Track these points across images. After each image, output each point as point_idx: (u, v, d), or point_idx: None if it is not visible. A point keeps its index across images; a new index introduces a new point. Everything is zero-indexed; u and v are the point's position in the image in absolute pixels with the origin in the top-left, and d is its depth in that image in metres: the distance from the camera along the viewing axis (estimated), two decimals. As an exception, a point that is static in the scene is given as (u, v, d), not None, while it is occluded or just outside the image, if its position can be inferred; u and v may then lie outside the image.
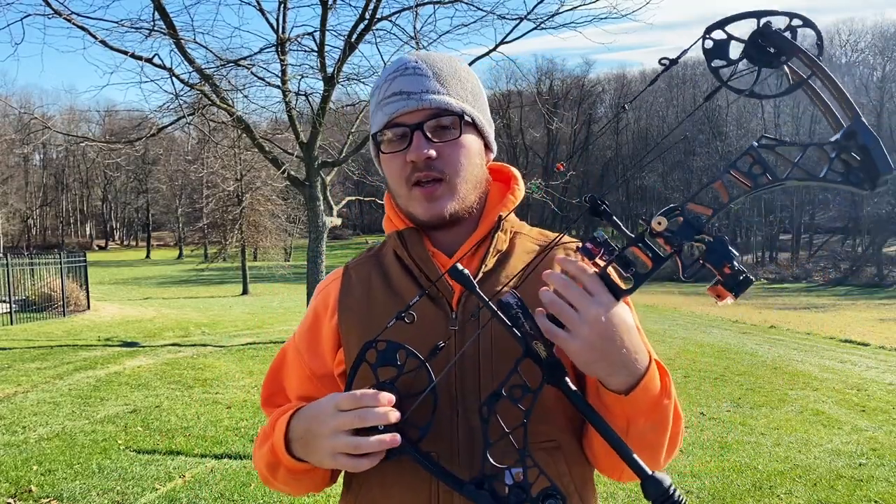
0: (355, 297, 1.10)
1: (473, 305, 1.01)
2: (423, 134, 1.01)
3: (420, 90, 1.02)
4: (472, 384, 1.00)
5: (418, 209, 1.05)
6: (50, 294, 15.21)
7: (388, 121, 1.02)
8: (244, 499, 4.24)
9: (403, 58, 1.07)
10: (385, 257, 1.14)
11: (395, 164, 1.04)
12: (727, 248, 0.83)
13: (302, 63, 11.69)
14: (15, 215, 60.23)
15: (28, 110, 27.40)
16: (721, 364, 9.73)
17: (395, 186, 1.06)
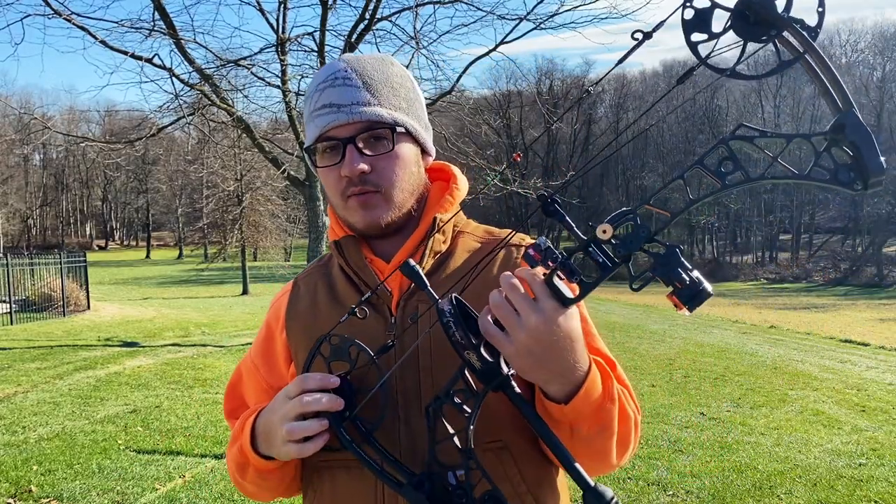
0: (301, 309, 1.12)
1: (413, 309, 1.02)
2: (355, 148, 1.00)
3: (350, 102, 1.00)
4: (413, 387, 1.00)
5: (355, 218, 1.05)
6: (50, 294, 15.22)
7: (319, 134, 1.01)
8: (244, 499, 4.24)
9: (333, 65, 1.05)
10: (332, 268, 1.15)
11: (330, 177, 1.04)
12: (678, 260, 0.79)
13: (302, 63, 11.70)
14: (15, 215, 60.22)
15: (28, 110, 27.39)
16: (721, 364, 9.73)
17: (332, 198, 1.07)
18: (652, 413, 6.49)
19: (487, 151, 13.12)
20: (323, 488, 1.07)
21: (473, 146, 12.82)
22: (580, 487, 0.82)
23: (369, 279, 1.06)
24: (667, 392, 7.57)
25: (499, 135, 33.87)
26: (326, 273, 1.15)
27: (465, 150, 11.86)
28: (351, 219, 1.06)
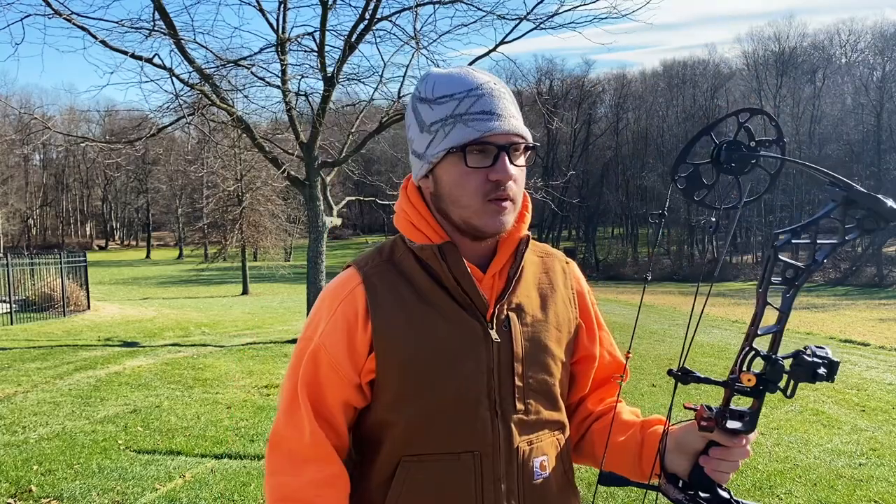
0: (388, 307, 1.12)
1: (504, 317, 1.14)
2: (508, 156, 1.08)
3: (507, 114, 1.09)
4: (508, 390, 1.12)
5: (487, 221, 1.10)
6: (50, 294, 15.22)
7: (477, 137, 1.06)
8: (244, 499, 4.24)
9: (478, 76, 1.11)
10: (402, 265, 1.15)
11: (475, 178, 1.08)
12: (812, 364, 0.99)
13: (302, 63, 11.70)
14: (15, 215, 60.23)
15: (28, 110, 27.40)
16: (721, 364, 9.74)
17: (465, 198, 1.09)
18: (652, 413, 6.49)
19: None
20: (417, 478, 1.10)
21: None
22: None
23: (470, 287, 1.11)
24: (667, 392, 7.57)
25: (499, 135, 33.77)
26: (400, 271, 1.15)
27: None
28: (480, 221, 1.10)
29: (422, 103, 1.12)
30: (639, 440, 1.18)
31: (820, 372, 0.95)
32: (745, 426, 1.03)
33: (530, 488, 1.13)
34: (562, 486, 1.20)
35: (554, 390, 1.18)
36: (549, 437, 1.17)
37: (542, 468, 1.15)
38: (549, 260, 1.26)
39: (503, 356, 1.12)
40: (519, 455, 1.12)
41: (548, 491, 1.16)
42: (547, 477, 1.16)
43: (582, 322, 1.25)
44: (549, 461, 1.16)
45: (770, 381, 0.97)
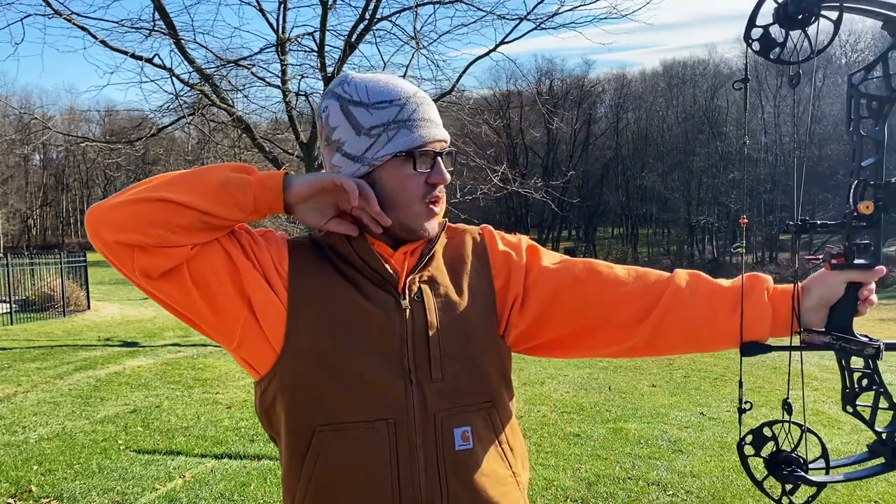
0: (306, 268, 1.18)
1: (416, 289, 1.17)
2: (442, 161, 1.16)
3: (439, 122, 1.18)
4: (423, 358, 1.13)
5: (422, 224, 1.17)
6: (50, 294, 15.22)
7: (422, 144, 1.14)
8: (244, 499, 4.24)
9: (406, 84, 1.18)
10: (321, 245, 1.22)
11: (414, 181, 1.15)
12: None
13: (302, 63, 11.69)
14: (15, 215, 60.23)
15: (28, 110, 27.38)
16: (721, 364, 9.74)
17: (406, 200, 1.15)
18: (652, 413, 6.49)
19: (487, 151, 13.11)
20: (332, 447, 1.11)
21: (473, 146, 12.81)
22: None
23: (376, 263, 1.16)
24: (667, 392, 7.57)
25: (499, 135, 33.83)
26: (320, 248, 1.22)
27: (465, 150, 11.86)
28: (417, 223, 1.17)
29: (356, 106, 1.15)
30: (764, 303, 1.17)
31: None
32: (871, 259, 1.06)
33: (451, 458, 1.12)
34: (492, 458, 1.16)
35: (476, 359, 1.17)
36: (474, 408, 1.15)
37: (465, 438, 1.13)
38: (461, 235, 1.29)
39: (417, 325, 1.14)
40: (437, 424, 1.12)
41: (473, 462, 1.13)
42: (471, 448, 1.13)
43: (505, 279, 1.23)
44: (476, 431, 1.14)
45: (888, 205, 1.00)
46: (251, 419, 6.16)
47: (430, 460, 1.11)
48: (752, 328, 1.16)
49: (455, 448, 1.12)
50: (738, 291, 1.17)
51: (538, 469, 4.71)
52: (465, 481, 1.12)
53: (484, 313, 1.20)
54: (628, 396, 7.30)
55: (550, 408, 6.70)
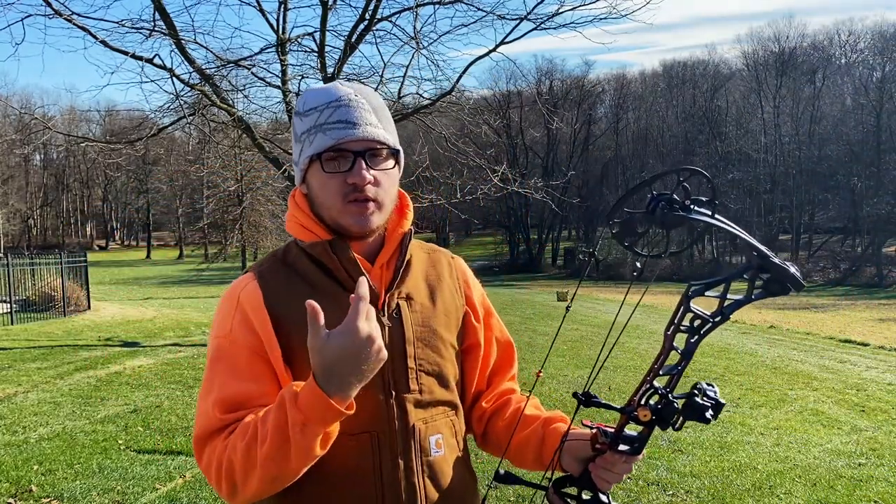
0: (283, 299, 1.20)
1: (394, 305, 1.23)
2: (364, 161, 1.17)
3: (363, 122, 1.18)
4: (401, 372, 1.21)
5: (351, 221, 1.19)
6: (50, 294, 15.22)
7: (332, 145, 1.16)
8: (244, 498, 4.25)
9: (338, 88, 1.21)
10: (296, 265, 1.25)
11: (333, 182, 1.18)
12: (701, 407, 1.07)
13: (302, 63, 11.69)
14: (15, 215, 60.23)
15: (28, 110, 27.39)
16: (721, 364, 9.74)
17: (328, 200, 1.19)
18: (652, 413, 6.49)
19: (487, 151, 13.11)
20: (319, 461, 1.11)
21: (473, 146, 12.81)
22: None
23: (358, 274, 1.19)
24: (667, 392, 7.57)
25: (499, 135, 33.81)
26: (294, 270, 1.24)
27: (465, 150, 11.86)
28: (345, 221, 1.19)
29: (296, 116, 1.23)
30: (540, 436, 1.28)
31: (707, 415, 1.05)
32: (633, 450, 1.13)
33: (428, 465, 1.21)
34: (458, 462, 1.27)
35: (445, 371, 1.27)
36: (442, 417, 1.26)
37: (438, 445, 1.23)
38: (436, 255, 1.37)
39: (395, 340, 1.21)
40: (415, 433, 1.20)
41: (445, 467, 1.24)
42: (443, 454, 1.24)
43: (468, 310, 1.35)
44: (445, 439, 1.25)
45: (662, 419, 1.06)
46: (251, 419, 6.16)
47: (410, 467, 1.19)
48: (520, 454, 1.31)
49: (431, 455, 1.22)
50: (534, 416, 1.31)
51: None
52: (439, 485, 1.23)
53: (453, 330, 1.31)
54: (628, 396, 7.29)
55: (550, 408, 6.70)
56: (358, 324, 1.00)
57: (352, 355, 1.01)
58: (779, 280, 1.03)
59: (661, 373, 1.07)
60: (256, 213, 28.33)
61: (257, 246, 31.68)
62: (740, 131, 53.60)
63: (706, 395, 1.06)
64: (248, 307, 1.19)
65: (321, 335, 1.01)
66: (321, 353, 1.01)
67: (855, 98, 53.18)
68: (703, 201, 1.07)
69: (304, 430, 1.02)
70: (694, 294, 1.04)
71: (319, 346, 1.01)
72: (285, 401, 1.04)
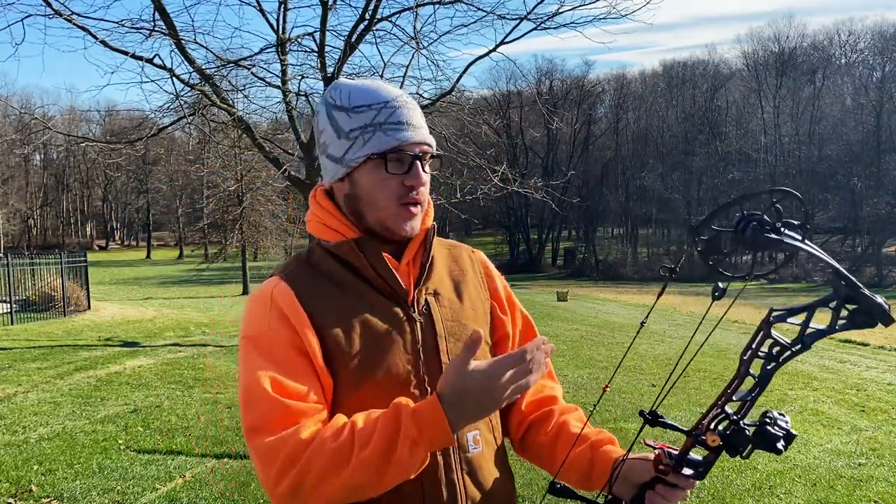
0: (315, 301, 1.16)
1: (423, 302, 1.22)
2: (421, 164, 1.18)
3: (419, 125, 1.19)
4: (434, 368, 1.19)
5: (399, 224, 1.19)
6: (50, 294, 15.22)
7: (396, 145, 1.16)
8: (244, 499, 4.25)
9: (391, 88, 1.21)
10: (321, 266, 1.21)
11: (392, 183, 1.18)
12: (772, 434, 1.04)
13: (302, 63, 11.69)
14: (15, 215, 60.21)
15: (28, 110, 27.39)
16: (721, 364, 9.74)
17: (382, 201, 1.18)
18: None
19: (487, 151, 13.10)
20: None
21: (473, 146, 12.80)
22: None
23: (388, 275, 1.19)
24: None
25: (499, 135, 33.81)
26: (320, 272, 1.21)
27: (465, 150, 11.86)
28: (394, 223, 1.19)
29: (338, 111, 1.20)
30: (589, 458, 1.24)
31: (779, 445, 1.02)
32: (697, 475, 1.10)
33: (467, 461, 1.20)
34: (496, 459, 1.26)
35: None
36: None
37: (476, 442, 1.22)
38: (456, 250, 1.37)
39: (427, 337, 1.20)
40: None
41: (483, 463, 1.22)
42: (481, 451, 1.22)
43: (494, 303, 1.36)
44: (483, 435, 1.23)
45: (731, 446, 1.04)
46: (251, 419, 6.16)
47: (449, 464, 1.17)
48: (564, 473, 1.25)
49: (469, 452, 1.20)
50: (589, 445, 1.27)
51: (538, 469, 4.70)
52: (478, 482, 1.21)
53: (482, 323, 1.30)
54: (628, 396, 7.30)
55: (550, 408, 6.70)
56: (500, 372, 1.00)
57: (483, 394, 1.00)
58: (866, 312, 1.01)
59: (733, 398, 1.05)
60: (256, 213, 28.32)
61: (257, 246, 31.68)
62: (740, 131, 53.61)
63: (777, 424, 1.04)
64: (283, 305, 1.14)
65: (467, 364, 1.01)
66: (461, 378, 1.01)
67: (855, 98, 53.17)
68: (794, 224, 1.05)
69: (413, 447, 1.00)
70: (775, 320, 1.02)
71: (462, 373, 1.01)
72: (401, 412, 1.02)
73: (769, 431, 1.02)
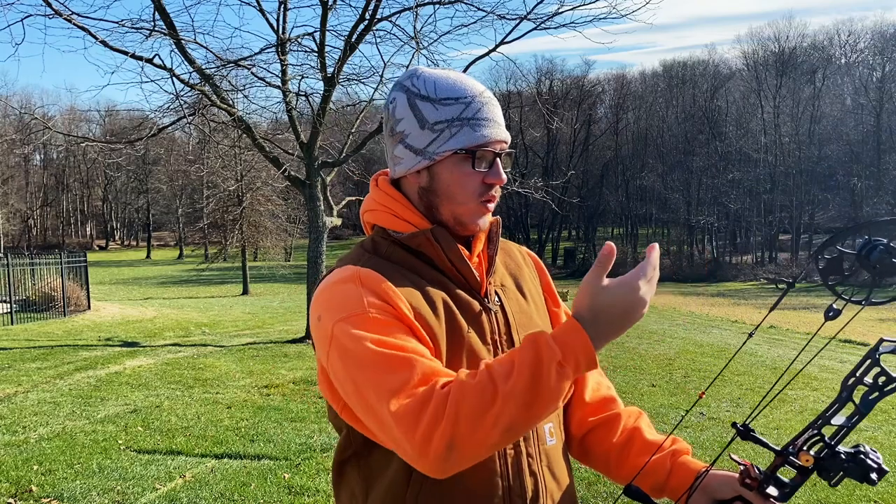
0: (405, 289, 1.11)
1: (495, 293, 1.22)
2: (501, 162, 1.18)
3: (502, 122, 1.19)
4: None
5: (475, 220, 1.19)
6: (50, 294, 15.22)
7: (484, 142, 1.15)
8: (244, 499, 4.25)
9: (476, 82, 1.20)
10: (392, 257, 1.17)
11: (473, 179, 1.17)
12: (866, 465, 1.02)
13: (302, 63, 11.72)
14: (15, 215, 60.23)
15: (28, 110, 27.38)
16: (720, 364, 9.74)
17: (462, 196, 1.17)
18: (652, 413, 6.49)
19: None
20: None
21: (473, 146, 12.81)
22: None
23: (464, 266, 1.18)
24: (667, 392, 7.57)
25: (499, 135, 33.79)
26: (392, 262, 1.16)
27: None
28: (470, 219, 1.18)
29: (423, 101, 1.17)
30: (667, 468, 1.22)
31: (872, 476, 1.00)
32: (782, 496, 1.06)
33: (544, 452, 1.20)
34: (565, 452, 1.27)
35: None
36: None
37: (552, 434, 1.22)
38: (508, 245, 1.36)
39: (502, 327, 1.20)
40: None
41: (558, 456, 1.23)
42: (556, 443, 1.23)
43: (546, 296, 1.37)
44: (555, 428, 1.24)
45: (824, 469, 1.01)
46: (251, 419, 6.16)
47: (532, 455, 1.17)
48: (639, 479, 1.22)
49: (546, 444, 1.20)
50: (656, 442, 1.26)
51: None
52: (555, 475, 1.22)
53: (543, 315, 1.31)
54: (628, 396, 7.30)
55: (550, 408, 6.70)
56: (640, 282, 1.00)
57: (622, 308, 0.98)
58: None
59: (830, 422, 1.04)
60: (256, 213, 28.34)
61: (257, 246, 31.71)
62: (740, 131, 53.61)
63: (869, 457, 1.02)
64: (374, 285, 1.07)
65: (602, 279, 1.00)
66: (596, 296, 0.99)
67: (855, 98, 53.20)
68: None
69: (560, 369, 0.95)
70: (885, 350, 1.00)
71: (597, 290, 0.99)
72: (538, 339, 0.97)
73: (865, 461, 1.01)
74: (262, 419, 6.15)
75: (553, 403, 0.97)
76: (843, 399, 1.02)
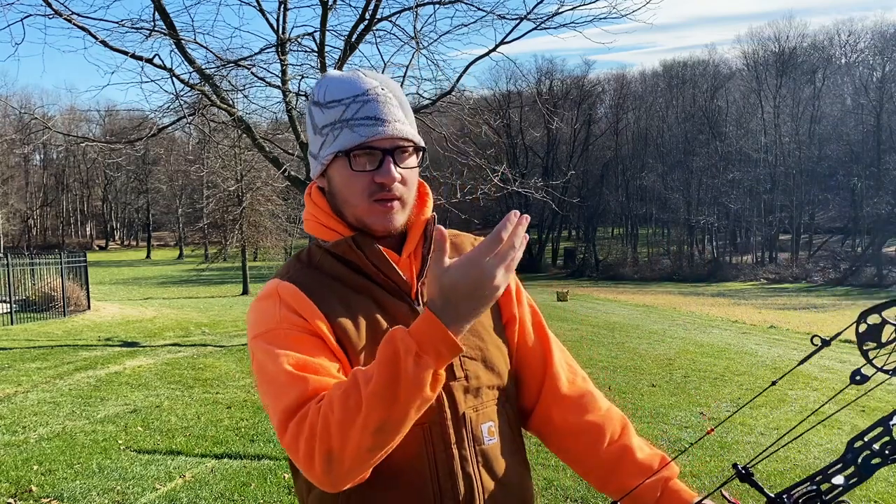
0: (323, 300, 1.14)
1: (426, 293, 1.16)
2: (392, 159, 1.14)
3: (391, 119, 1.14)
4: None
5: (376, 220, 1.16)
6: (50, 294, 15.22)
7: (361, 143, 1.13)
8: (244, 499, 4.25)
9: (362, 79, 1.17)
10: (323, 267, 1.20)
11: (360, 181, 1.15)
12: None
13: (302, 63, 11.69)
14: (15, 215, 60.24)
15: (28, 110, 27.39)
16: (721, 364, 9.74)
17: (353, 198, 1.16)
18: (652, 413, 6.49)
19: (487, 151, 13.10)
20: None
21: (473, 146, 12.80)
22: None
23: (388, 270, 1.18)
24: (667, 392, 7.57)
25: (499, 135, 33.80)
26: (323, 273, 1.19)
27: (466, 150, 11.86)
28: (370, 220, 1.16)
29: (315, 107, 1.19)
30: (657, 494, 1.21)
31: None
32: None
33: (482, 453, 1.18)
34: (511, 451, 1.24)
35: (488, 355, 1.23)
36: (492, 404, 1.21)
37: (491, 433, 1.20)
38: (458, 239, 1.33)
39: None
40: (466, 421, 1.17)
41: (499, 455, 1.20)
42: (496, 442, 1.20)
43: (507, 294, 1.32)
44: (496, 427, 1.21)
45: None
46: (251, 419, 6.16)
47: (465, 456, 1.16)
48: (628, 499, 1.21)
49: (484, 444, 1.18)
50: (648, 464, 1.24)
51: (538, 469, 4.71)
52: (495, 475, 1.19)
53: (491, 313, 1.27)
54: (628, 396, 7.30)
55: (550, 408, 6.70)
56: (480, 257, 0.95)
57: (468, 286, 0.94)
58: None
59: (830, 481, 1.04)
60: (256, 213, 28.35)
61: (257, 246, 31.70)
62: (740, 131, 53.61)
63: None
64: (291, 300, 1.12)
65: (442, 262, 0.96)
66: (440, 279, 0.96)
67: (855, 98, 53.20)
68: None
69: (417, 360, 0.93)
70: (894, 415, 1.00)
71: (439, 273, 0.96)
72: (394, 335, 0.96)
73: None
74: (262, 419, 6.15)
75: (418, 395, 0.94)
76: (846, 461, 1.02)
